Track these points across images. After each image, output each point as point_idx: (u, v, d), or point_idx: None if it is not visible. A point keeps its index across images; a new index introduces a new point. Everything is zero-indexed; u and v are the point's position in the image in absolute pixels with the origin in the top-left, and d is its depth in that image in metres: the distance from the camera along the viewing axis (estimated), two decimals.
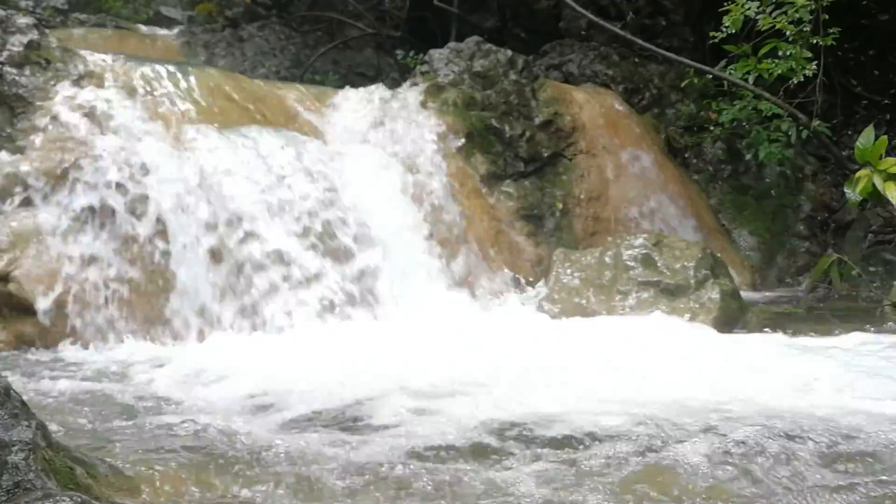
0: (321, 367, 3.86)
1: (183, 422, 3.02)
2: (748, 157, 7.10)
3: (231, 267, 4.67)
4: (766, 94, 6.32)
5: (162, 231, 4.57)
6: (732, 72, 6.37)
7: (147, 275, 4.47)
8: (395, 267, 5.14)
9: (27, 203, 4.45)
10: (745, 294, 5.54)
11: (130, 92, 5.08)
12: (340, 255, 4.99)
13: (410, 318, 4.84)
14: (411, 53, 7.95)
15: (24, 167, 4.50)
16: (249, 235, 4.77)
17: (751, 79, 6.23)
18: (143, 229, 4.55)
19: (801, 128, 6.34)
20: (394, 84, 7.26)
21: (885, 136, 5.50)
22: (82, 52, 5.26)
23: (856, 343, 4.29)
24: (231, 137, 5.15)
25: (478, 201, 5.96)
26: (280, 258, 4.79)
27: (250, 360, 4.01)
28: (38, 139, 4.64)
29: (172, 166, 4.77)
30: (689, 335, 4.52)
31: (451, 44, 7.14)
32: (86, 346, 4.20)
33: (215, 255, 4.65)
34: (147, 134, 4.88)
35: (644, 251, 5.07)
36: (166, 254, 4.54)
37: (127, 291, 4.40)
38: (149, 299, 4.43)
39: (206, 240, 4.65)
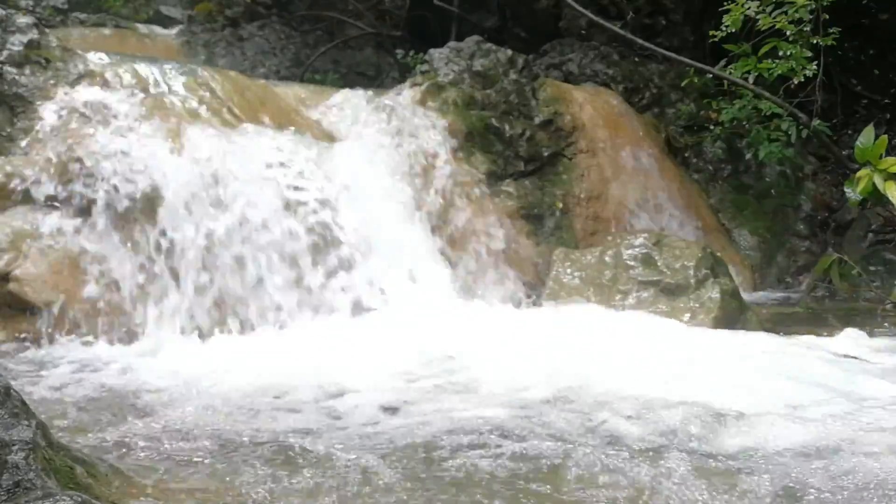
0: (321, 364, 3.87)
1: (185, 421, 3.02)
2: (748, 156, 7.10)
3: (232, 266, 4.67)
4: (766, 94, 6.33)
5: (162, 230, 4.57)
6: (732, 71, 6.37)
7: (148, 273, 4.47)
8: (395, 266, 5.15)
9: (27, 202, 4.45)
10: (745, 293, 5.54)
11: (131, 91, 5.08)
12: (340, 256, 4.99)
13: (410, 318, 4.84)
14: (411, 53, 7.95)
15: (24, 166, 4.50)
16: (250, 235, 4.77)
17: (751, 78, 6.24)
18: (143, 228, 4.55)
19: (801, 127, 6.34)
20: (394, 83, 7.26)
21: (885, 136, 5.52)
22: (82, 52, 5.25)
23: None
24: (231, 136, 5.15)
25: (477, 201, 5.96)
26: (280, 258, 4.79)
27: (249, 358, 4.02)
28: (37, 138, 4.64)
29: (173, 165, 4.76)
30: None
31: (452, 43, 7.14)
32: (86, 345, 4.20)
33: (217, 254, 4.65)
34: (147, 133, 4.88)
35: (644, 250, 5.07)
36: (167, 252, 4.53)
37: (127, 290, 4.40)
38: (150, 298, 4.43)
39: (206, 238, 4.65)
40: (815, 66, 5.92)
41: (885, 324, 5.02)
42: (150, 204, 4.60)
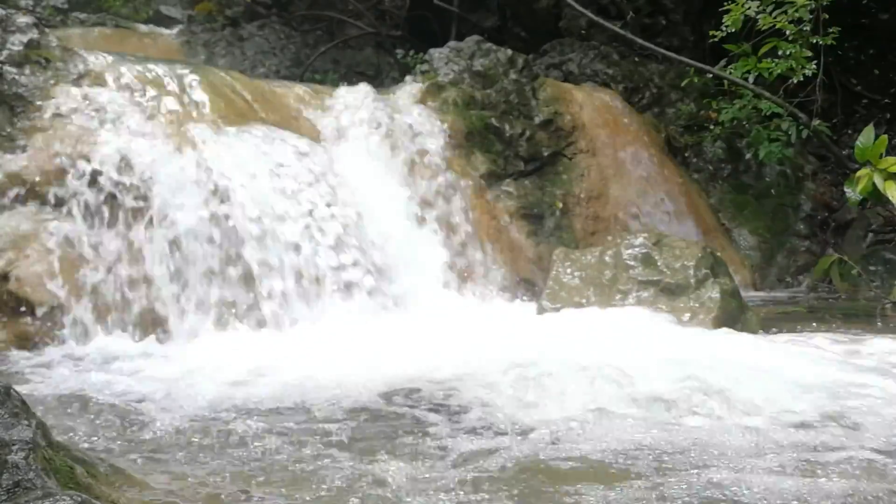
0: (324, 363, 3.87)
1: (185, 420, 3.02)
2: (748, 156, 7.10)
3: (234, 266, 4.67)
4: (766, 94, 6.33)
5: (162, 230, 4.57)
6: (732, 71, 6.38)
7: (148, 273, 4.46)
8: (396, 265, 5.15)
9: (27, 202, 4.44)
10: (745, 293, 5.54)
11: (131, 91, 5.08)
12: (340, 256, 4.99)
13: (411, 317, 4.84)
14: (411, 52, 7.95)
15: (24, 166, 4.50)
16: (251, 235, 4.77)
17: (751, 78, 6.24)
18: (144, 228, 4.55)
19: (801, 127, 6.35)
20: (394, 83, 7.26)
21: (885, 136, 5.52)
22: (82, 52, 5.25)
23: None
24: (232, 136, 5.15)
25: (478, 200, 5.96)
26: (282, 257, 4.79)
27: (248, 358, 4.02)
28: (37, 138, 4.63)
29: (173, 165, 4.76)
30: None
31: (451, 43, 7.15)
32: (86, 345, 4.19)
33: (217, 254, 4.65)
34: (147, 133, 4.88)
35: (644, 250, 5.06)
36: (167, 252, 4.53)
37: (127, 290, 4.40)
38: (150, 298, 4.42)
39: (207, 238, 4.65)
40: (814, 66, 5.92)
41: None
42: (150, 203, 4.60)
